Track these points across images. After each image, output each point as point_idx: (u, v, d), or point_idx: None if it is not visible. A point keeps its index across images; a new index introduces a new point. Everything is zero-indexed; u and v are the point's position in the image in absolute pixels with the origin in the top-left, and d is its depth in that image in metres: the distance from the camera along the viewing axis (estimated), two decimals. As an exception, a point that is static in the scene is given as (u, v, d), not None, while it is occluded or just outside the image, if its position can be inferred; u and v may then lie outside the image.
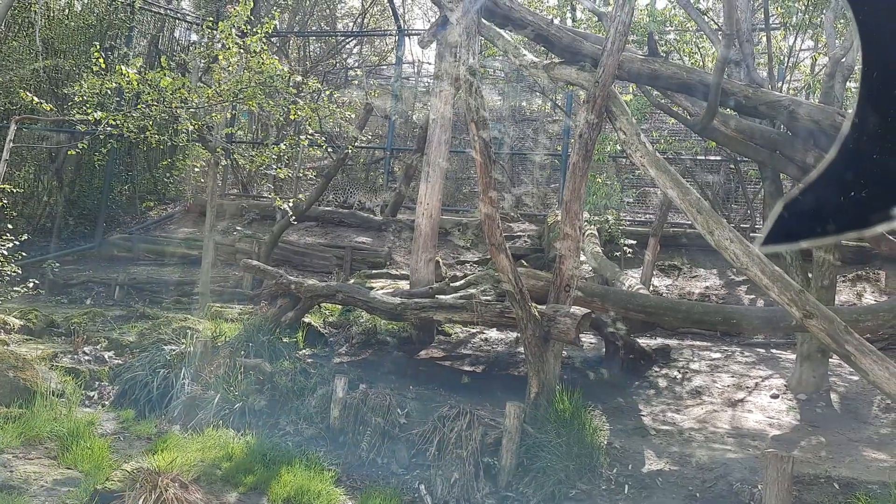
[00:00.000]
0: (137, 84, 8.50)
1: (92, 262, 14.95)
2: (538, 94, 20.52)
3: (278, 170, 10.62)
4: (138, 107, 8.91)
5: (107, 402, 8.74)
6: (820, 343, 7.36)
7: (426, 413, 8.07)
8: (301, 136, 10.62)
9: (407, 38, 20.19)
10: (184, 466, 6.69)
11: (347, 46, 23.67)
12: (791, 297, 6.17)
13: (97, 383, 9.10)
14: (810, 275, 9.04)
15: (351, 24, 24.58)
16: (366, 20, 23.35)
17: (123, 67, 8.19)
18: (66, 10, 15.22)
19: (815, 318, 6.03)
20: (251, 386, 8.58)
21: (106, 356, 9.66)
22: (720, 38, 10.48)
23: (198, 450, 7.40)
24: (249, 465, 7.20)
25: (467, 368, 10.25)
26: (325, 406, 8.25)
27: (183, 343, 9.17)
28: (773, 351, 10.83)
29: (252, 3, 9.16)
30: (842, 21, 10.28)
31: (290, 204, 10.72)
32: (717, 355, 10.49)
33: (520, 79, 18.76)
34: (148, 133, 9.22)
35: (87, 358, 9.53)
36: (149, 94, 8.73)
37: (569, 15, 17.65)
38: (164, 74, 8.69)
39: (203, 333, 9.49)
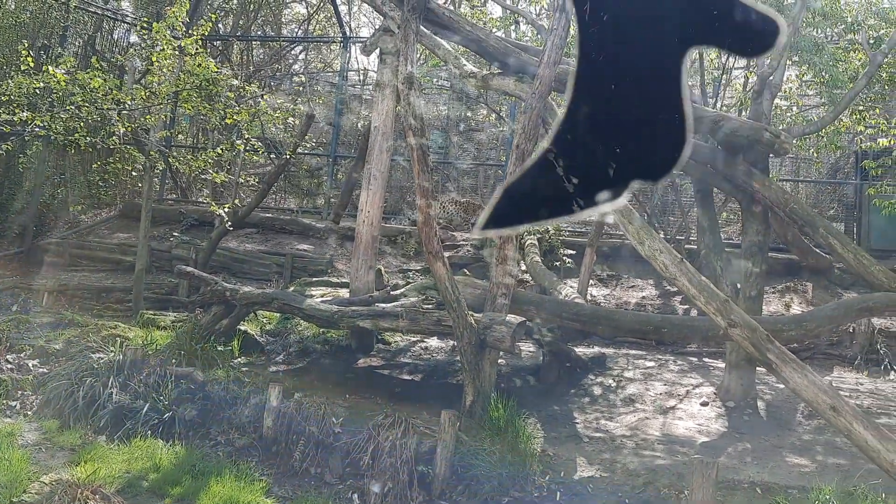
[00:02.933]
0: (66, 85, 8.26)
1: (21, 268, 14.44)
2: (483, 104, 20.71)
3: (214, 175, 10.44)
4: (67, 108, 8.65)
5: (29, 412, 8.42)
6: (748, 353, 7.58)
7: (362, 422, 8.01)
8: (237, 141, 10.46)
9: (352, 45, 20.12)
10: (107, 478, 6.50)
11: (293, 52, 23.48)
12: (717, 307, 6.33)
13: (20, 392, 8.77)
14: (739, 286, 9.30)
15: (297, 30, 24.39)
16: (311, 26, 23.20)
17: (51, 68, 7.94)
18: (-1, 8, 14.75)
19: (738, 327, 6.20)
20: (182, 395, 8.38)
21: (30, 364, 9.32)
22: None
23: (124, 461, 7.20)
24: (177, 476, 7.03)
25: (406, 377, 10.22)
26: (259, 415, 8.12)
27: (112, 351, 8.92)
28: (705, 360, 11.09)
29: (188, 5, 9.01)
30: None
31: (227, 209, 10.53)
32: (651, 364, 10.69)
33: (465, 88, 18.88)
34: (77, 135, 8.95)
35: (9, 366, 9.17)
36: (78, 94, 8.50)
37: (513, 28, 17.87)
38: (95, 75, 8.47)
39: (133, 341, 9.25)
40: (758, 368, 9.15)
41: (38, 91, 8.71)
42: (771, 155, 9.05)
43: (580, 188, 1.03)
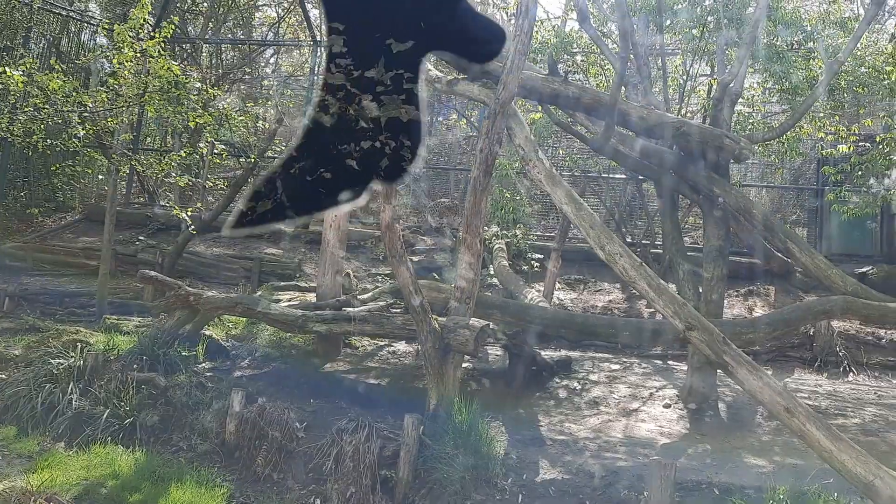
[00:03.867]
0: (24, 86, 8.14)
1: (-19, 272, 14.16)
2: (455, 109, 20.76)
3: (178, 178, 10.34)
4: (25, 109, 8.52)
5: (-15, 419, 8.28)
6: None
7: (325, 427, 7.99)
8: (200, 144, 10.37)
9: (322, 49, 20.08)
10: (64, 485, 6.42)
11: (263, 56, 23.36)
12: (675, 310, 6.42)
13: (-24, 399, 8.61)
14: (701, 289, 9.42)
15: (267, 33, 24.26)
16: (282, 30, 23.09)
17: (7, 69, 7.83)
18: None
19: (696, 329, 6.29)
20: (144, 401, 8.30)
21: (-12, 370, 9.16)
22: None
23: (82, 468, 7.11)
24: (137, 483, 6.96)
25: (373, 381, 10.20)
26: (222, 421, 8.06)
27: (72, 356, 8.79)
28: (670, 363, 11.21)
29: (149, 7, 8.93)
30: (734, 49, 10.81)
31: (191, 213, 10.42)
32: (617, 367, 10.79)
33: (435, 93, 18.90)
34: (35, 137, 8.82)
35: (-34, 373, 9.01)
36: (37, 96, 8.37)
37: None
38: (55, 77, 8.36)
39: (95, 346, 9.13)
40: (718, 371, 9.29)
41: (-3, 93, 8.60)
42: (732, 161, 9.20)
43: (324, 187, 1.07)
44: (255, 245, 15.96)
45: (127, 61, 8.24)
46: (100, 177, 14.73)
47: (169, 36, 9.15)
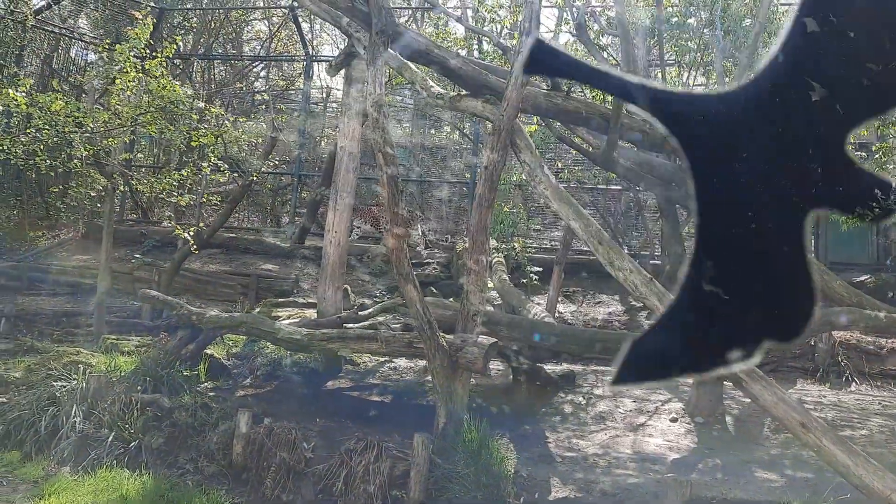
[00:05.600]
0: (26, 107, 8.07)
1: (-25, 292, 14.00)
2: (447, 122, 20.80)
3: (179, 197, 10.27)
4: (27, 130, 8.44)
5: (-12, 444, 8.15)
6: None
7: (333, 446, 7.92)
8: (204, 164, 10.31)
9: (315, 64, 20.08)
10: (73, 512, 6.31)
11: (254, 70, 23.31)
12: (686, 326, 6.41)
13: (-23, 424, 8.48)
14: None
15: (258, 48, 24.23)
16: (273, 45, 23.07)
17: (11, 91, 7.75)
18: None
19: (708, 345, 6.28)
20: (148, 423, 8.20)
21: (-12, 394, 9.03)
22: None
23: (89, 493, 7.01)
24: (145, 507, 6.86)
25: (376, 399, 10.15)
26: (228, 442, 7.97)
27: (74, 379, 8.68)
28: (673, 375, 11.21)
29: (152, 27, 8.88)
30: (729, 61, 10.89)
31: (192, 233, 10.35)
32: (620, 380, 10.76)
33: (427, 108, 18.94)
34: (38, 158, 8.74)
35: (-34, 397, 8.88)
36: (39, 117, 8.30)
37: (475, 47, 18.01)
38: (57, 97, 8.29)
39: (96, 368, 9.02)
40: (724, 383, 9.29)
41: (-4, 115, 8.51)
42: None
43: (711, 345, 1.03)
44: (251, 261, 15.88)
45: (129, 81, 8.18)
46: (92, 195, 14.60)
47: (170, 55, 9.10)
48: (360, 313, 10.83)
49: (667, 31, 10.93)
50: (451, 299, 11.98)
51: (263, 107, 20.30)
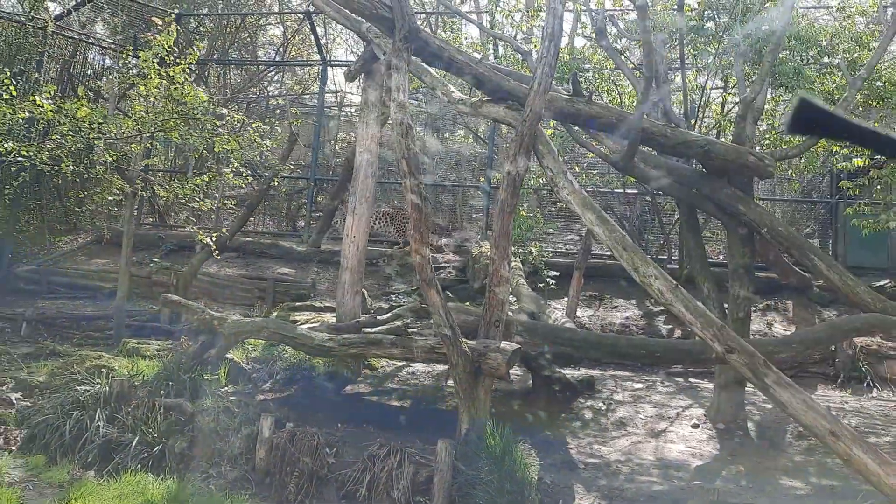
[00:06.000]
0: (52, 114, 8.12)
1: (-4, 296, 14.12)
2: (461, 125, 20.83)
3: (201, 203, 10.33)
4: (52, 137, 8.50)
5: (13, 448, 8.19)
6: (737, 374, 7.66)
7: (355, 451, 7.92)
8: (226, 169, 10.36)
9: (330, 68, 20.14)
10: (100, 517, 6.34)
11: (269, 75, 23.42)
12: (714, 333, 6.40)
13: (2, 427, 8.54)
14: (725, 305, 9.41)
15: (273, 53, 24.35)
16: (288, 49, 23.18)
17: (37, 98, 7.80)
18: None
19: (736, 352, 6.26)
20: (171, 427, 8.23)
21: (13, 398, 9.09)
22: (638, 77, 10.91)
23: (115, 497, 7.03)
24: (171, 512, 6.88)
25: (395, 403, 10.16)
26: (251, 447, 7.99)
27: (97, 383, 8.73)
28: (692, 380, 11.18)
29: (175, 34, 8.93)
30: (748, 65, 10.85)
31: (214, 238, 10.39)
32: (640, 385, 10.75)
33: (440, 112, 18.97)
34: (63, 165, 8.79)
35: (-9, 400, 8.95)
36: (64, 124, 8.35)
37: (491, 50, 18.03)
38: (82, 104, 8.34)
39: (119, 372, 9.07)
40: (746, 388, 9.25)
41: (20, 121, 8.54)
42: (756, 178, 9.20)
43: None
44: (267, 265, 15.95)
45: (153, 88, 8.23)
46: (109, 198, 14.70)
47: (193, 62, 9.15)
48: (378, 317, 10.84)
49: (686, 35, 10.90)
50: (468, 303, 11.98)
51: (278, 111, 20.38)
